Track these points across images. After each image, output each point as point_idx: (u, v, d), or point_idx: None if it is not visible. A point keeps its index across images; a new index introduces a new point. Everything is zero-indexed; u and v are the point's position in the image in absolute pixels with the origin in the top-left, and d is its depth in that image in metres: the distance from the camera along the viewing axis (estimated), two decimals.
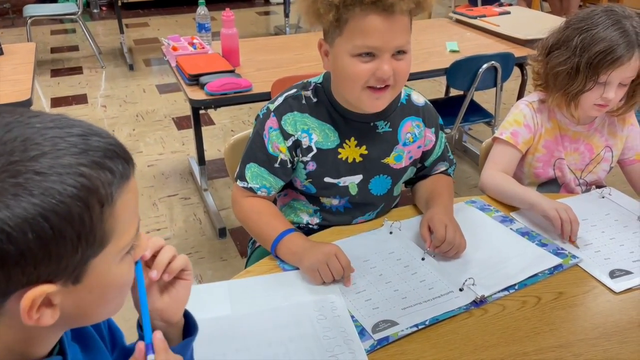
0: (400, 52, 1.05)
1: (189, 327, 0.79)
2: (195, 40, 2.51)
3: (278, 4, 6.46)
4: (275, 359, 0.89)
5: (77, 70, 4.41)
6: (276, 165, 1.18)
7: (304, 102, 1.18)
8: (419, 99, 1.27)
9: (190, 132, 3.32)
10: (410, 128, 1.25)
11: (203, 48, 2.44)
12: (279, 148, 1.17)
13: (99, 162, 0.52)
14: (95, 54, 4.52)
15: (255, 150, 1.20)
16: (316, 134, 1.18)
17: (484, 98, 3.09)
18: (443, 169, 1.35)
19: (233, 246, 2.38)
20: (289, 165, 1.20)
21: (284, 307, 1.01)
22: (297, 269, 1.10)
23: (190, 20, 5.84)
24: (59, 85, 4.12)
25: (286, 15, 5.19)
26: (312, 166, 1.20)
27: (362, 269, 1.10)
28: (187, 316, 0.79)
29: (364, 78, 1.06)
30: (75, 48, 4.95)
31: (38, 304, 0.51)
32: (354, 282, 1.07)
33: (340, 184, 1.22)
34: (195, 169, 2.82)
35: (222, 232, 2.43)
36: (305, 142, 1.18)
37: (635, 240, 1.20)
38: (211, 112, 3.59)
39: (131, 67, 4.44)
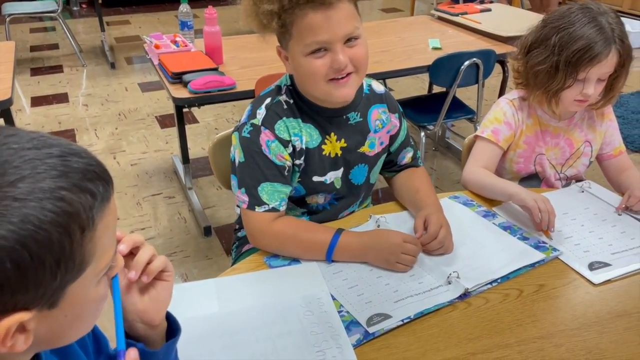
0: (352, 39, 1.07)
1: (172, 329, 0.78)
2: (177, 38, 2.49)
3: None
4: (263, 355, 0.90)
5: (57, 68, 4.35)
6: (285, 173, 1.17)
7: (285, 107, 1.18)
8: (379, 87, 1.31)
9: (173, 131, 3.30)
10: (378, 115, 1.28)
11: (186, 46, 2.43)
12: (283, 157, 1.16)
13: (79, 185, 0.51)
14: (75, 52, 4.46)
15: (262, 169, 1.15)
16: (304, 135, 1.19)
17: (466, 95, 3.12)
18: (410, 155, 1.37)
19: (218, 244, 2.38)
20: (292, 170, 1.20)
21: (271, 303, 1.01)
22: (285, 265, 1.12)
23: (173, 17, 5.79)
24: (39, 84, 4.06)
25: None
26: (302, 166, 1.21)
27: (353, 265, 1.12)
28: (170, 318, 0.78)
29: (323, 73, 1.08)
30: (55, 46, 4.88)
31: (11, 333, 0.49)
32: (345, 277, 1.08)
33: (327, 181, 1.24)
34: (179, 167, 2.80)
35: (207, 231, 2.42)
36: (298, 145, 1.18)
37: (613, 233, 1.23)
38: (195, 111, 3.56)
39: (113, 66, 4.39)
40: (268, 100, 1.19)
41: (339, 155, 1.23)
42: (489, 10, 3.18)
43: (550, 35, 1.32)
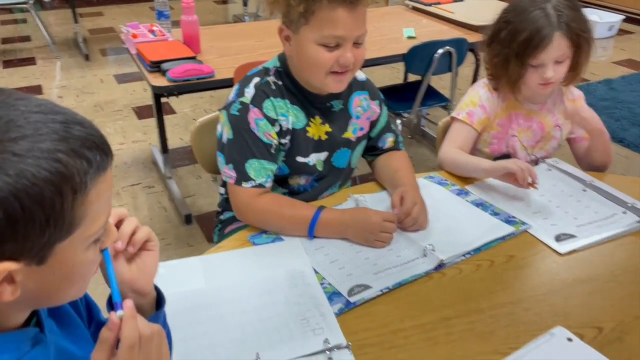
0: (360, 40, 1.14)
1: (159, 298, 0.80)
2: (154, 28, 2.50)
3: None
4: (249, 324, 0.94)
5: (29, 61, 4.28)
6: (272, 151, 1.21)
7: (273, 87, 1.22)
8: (360, 75, 1.36)
9: (151, 122, 3.29)
10: (359, 102, 1.34)
11: (163, 35, 2.44)
12: (271, 135, 1.20)
13: (77, 151, 0.54)
14: (48, 44, 4.40)
15: (250, 146, 1.19)
16: (291, 116, 1.23)
17: (440, 84, 3.19)
18: (391, 139, 1.43)
19: (199, 232, 2.40)
20: (277, 149, 1.24)
21: (256, 278, 1.05)
22: (269, 242, 1.16)
23: (147, 9, 5.74)
24: (12, 76, 4.00)
25: (244, 3, 5.18)
26: (288, 145, 1.25)
27: (334, 241, 1.17)
28: (156, 288, 0.80)
29: (329, 65, 1.14)
30: (27, 38, 4.79)
31: (0, 280, 0.52)
32: (327, 252, 1.13)
33: (310, 163, 1.28)
34: (158, 157, 2.81)
35: (188, 219, 2.44)
36: (285, 125, 1.23)
37: (578, 208, 1.30)
38: (172, 101, 3.57)
39: (87, 57, 4.34)
40: (257, 79, 1.23)
41: (323, 139, 1.28)
42: (462, 0, 3.25)
43: (501, 29, 1.40)
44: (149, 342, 0.63)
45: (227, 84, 2.18)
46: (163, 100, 2.45)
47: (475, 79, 3.00)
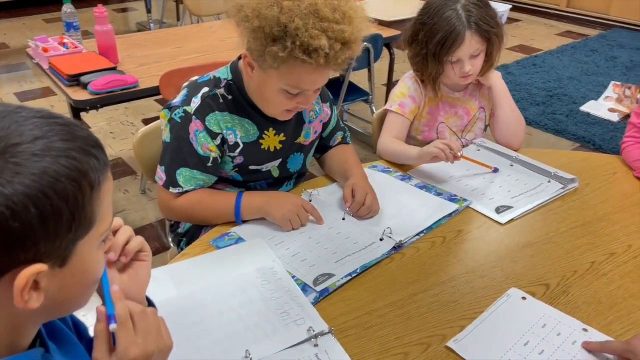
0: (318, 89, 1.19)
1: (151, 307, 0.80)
2: (66, 40, 2.38)
3: (135, 0, 6.20)
4: (231, 324, 0.95)
5: None
6: (209, 164, 1.22)
7: (221, 101, 1.22)
8: None
9: None
10: (312, 107, 1.37)
11: (76, 48, 2.33)
12: (209, 148, 1.21)
13: (85, 149, 0.56)
14: None
15: (184, 155, 1.20)
16: (239, 130, 1.24)
17: (356, 79, 3.29)
18: (340, 136, 1.49)
19: None
20: (220, 161, 1.25)
21: (228, 279, 1.07)
22: (232, 244, 1.17)
23: (39, 22, 5.41)
24: None
25: (148, 11, 5.02)
26: (239, 160, 1.27)
27: (292, 235, 1.20)
28: (150, 300, 0.81)
29: (288, 107, 1.18)
30: None
31: (30, 284, 0.53)
32: (287, 247, 1.16)
33: (264, 170, 1.31)
34: None
35: None
36: (231, 139, 1.23)
37: (510, 182, 1.43)
38: (86, 117, 3.39)
39: None
40: (205, 90, 1.22)
41: (279, 148, 1.31)
42: None
43: (419, 32, 1.51)
44: (143, 318, 0.65)
45: (152, 93, 2.13)
46: (83, 113, 2.34)
47: (390, 73, 3.13)
